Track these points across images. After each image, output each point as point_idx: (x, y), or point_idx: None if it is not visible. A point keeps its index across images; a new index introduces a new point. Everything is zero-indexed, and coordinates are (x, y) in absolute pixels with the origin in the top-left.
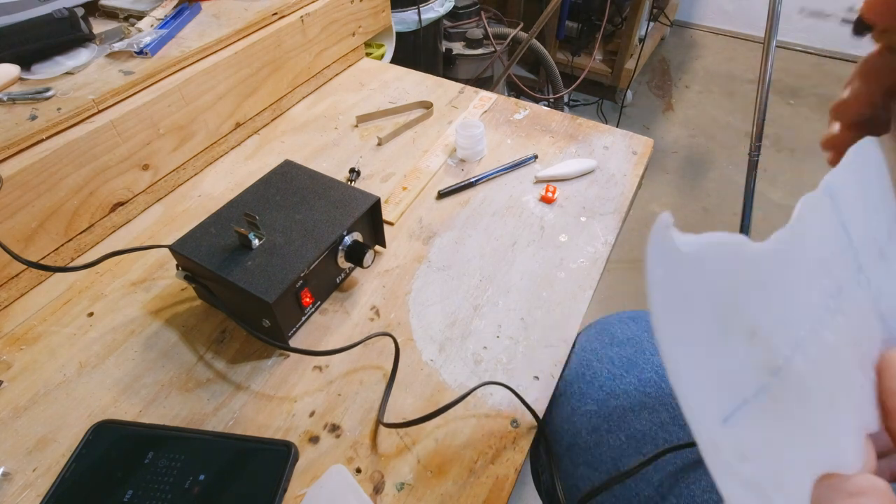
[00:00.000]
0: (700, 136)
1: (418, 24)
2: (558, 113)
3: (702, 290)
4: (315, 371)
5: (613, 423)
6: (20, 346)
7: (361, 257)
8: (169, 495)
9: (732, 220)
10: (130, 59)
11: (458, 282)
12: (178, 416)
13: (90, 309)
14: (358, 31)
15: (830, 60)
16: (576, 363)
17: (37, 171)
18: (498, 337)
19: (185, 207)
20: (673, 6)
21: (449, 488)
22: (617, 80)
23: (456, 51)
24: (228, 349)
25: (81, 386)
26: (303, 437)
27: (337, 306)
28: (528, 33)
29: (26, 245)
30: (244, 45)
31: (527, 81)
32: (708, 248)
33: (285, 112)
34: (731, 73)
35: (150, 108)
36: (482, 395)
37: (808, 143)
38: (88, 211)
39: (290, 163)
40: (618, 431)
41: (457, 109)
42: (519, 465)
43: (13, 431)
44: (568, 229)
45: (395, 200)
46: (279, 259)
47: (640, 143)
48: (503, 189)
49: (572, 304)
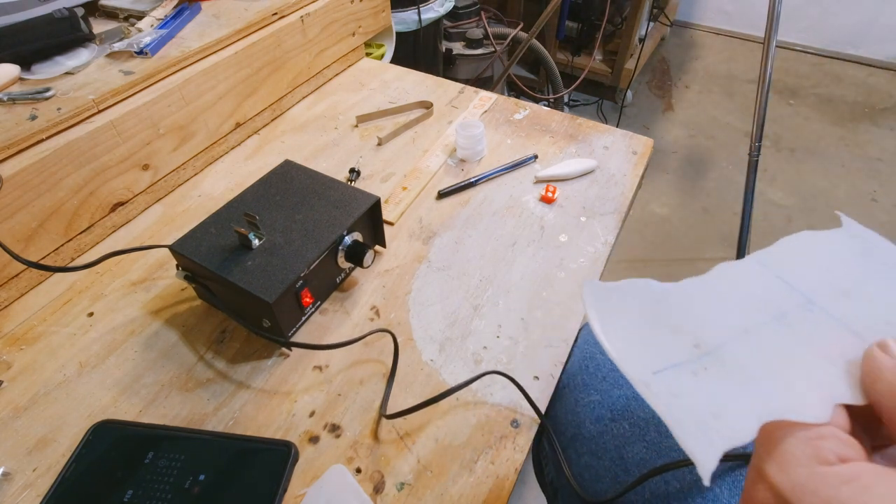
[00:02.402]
0: (700, 136)
1: (418, 24)
2: (558, 113)
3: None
4: (315, 371)
5: (617, 412)
6: (20, 346)
7: (361, 257)
8: (169, 495)
9: (732, 220)
10: (130, 59)
11: (458, 282)
12: (178, 416)
13: (90, 309)
14: (358, 31)
15: (830, 60)
16: (578, 356)
17: (37, 171)
18: (498, 337)
19: (185, 207)
20: (673, 6)
21: (449, 488)
22: (617, 80)
23: (456, 51)
24: (228, 349)
25: (81, 386)
26: (303, 437)
27: (337, 306)
28: (528, 33)
29: (26, 245)
30: (244, 45)
31: (527, 81)
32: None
33: (285, 112)
34: (731, 73)
35: (150, 108)
36: (482, 395)
37: (808, 143)
38: (88, 211)
39: (290, 163)
40: (622, 420)
41: (457, 109)
42: (519, 465)
43: (13, 431)
44: (568, 229)
45: (395, 200)
46: (279, 259)
47: (640, 143)
48: (503, 189)
49: (572, 304)
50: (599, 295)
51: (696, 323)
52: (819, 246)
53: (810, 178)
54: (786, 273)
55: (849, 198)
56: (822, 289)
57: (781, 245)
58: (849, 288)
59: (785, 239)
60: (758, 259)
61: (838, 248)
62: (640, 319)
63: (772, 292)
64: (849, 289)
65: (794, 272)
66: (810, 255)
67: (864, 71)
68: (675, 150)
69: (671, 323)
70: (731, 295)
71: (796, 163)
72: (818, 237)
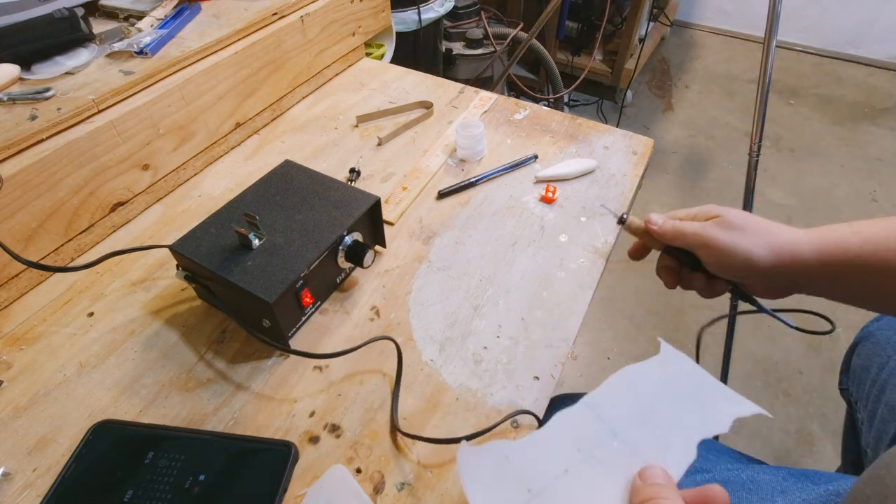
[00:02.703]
0: (700, 136)
1: (418, 24)
2: (558, 113)
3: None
4: (315, 371)
5: None
6: (20, 346)
7: (361, 257)
8: (169, 495)
9: None
10: (130, 59)
11: (458, 282)
12: (178, 416)
13: (90, 309)
14: (358, 31)
15: (830, 60)
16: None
17: (37, 171)
18: (498, 337)
19: (185, 207)
20: (673, 6)
21: (449, 488)
22: (617, 80)
23: (456, 51)
24: (228, 349)
25: (81, 386)
26: (303, 437)
27: (337, 306)
28: (528, 33)
29: (26, 245)
30: (244, 45)
31: (527, 81)
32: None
33: (285, 112)
34: (731, 73)
35: (150, 108)
36: (482, 395)
37: (808, 143)
38: (88, 211)
39: (290, 163)
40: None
41: (457, 109)
42: None
43: (13, 431)
44: (568, 229)
45: (395, 200)
46: (279, 259)
47: (640, 143)
48: (503, 189)
49: (572, 304)
50: (469, 458)
51: (530, 471)
52: (636, 378)
53: (810, 178)
54: (604, 412)
55: (849, 198)
56: (625, 422)
57: (608, 384)
58: (645, 417)
59: (611, 377)
60: (587, 402)
61: (649, 377)
62: (494, 472)
63: (591, 431)
64: (645, 417)
65: (610, 410)
66: (626, 389)
67: (864, 71)
68: (675, 150)
69: (514, 473)
70: (562, 439)
71: (796, 163)
72: (637, 371)
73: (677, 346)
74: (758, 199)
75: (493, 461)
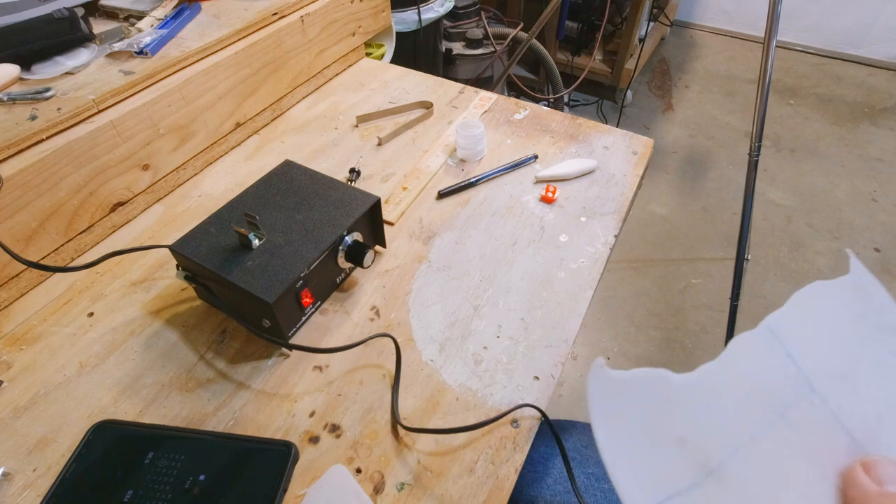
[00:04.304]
0: (700, 136)
1: (418, 24)
2: (558, 113)
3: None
4: (315, 371)
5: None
6: (20, 346)
7: (361, 257)
8: (169, 495)
9: (732, 220)
10: (130, 59)
11: (459, 282)
12: (178, 416)
13: (90, 309)
14: (358, 31)
15: (830, 60)
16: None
17: (37, 171)
18: (498, 337)
19: (185, 207)
20: (673, 6)
21: (449, 488)
22: (617, 80)
23: (456, 51)
24: (228, 349)
25: (81, 386)
26: (303, 437)
27: (337, 306)
28: (528, 33)
29: (26, 245)
30: (244, 45)
31: (527, 81)
32: (634, 379)
33: (285, 112)
34: (731, 73)
35: (150, 108)
36: (482, 395)
37: (808, 143)
38: (88, 211)
39: (290, 163)
40: None
41: (457, 109)
42: (519, 466)
43: (13, 431)
44: (568, 229)
45: (395, 200)
46: (279, 259)
47: (641, 143)
48: (503, 189)
49: (572, 304)
50: (607, 388)
51: (702, 432)
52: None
53: (810, 178)
54: (794, 348)
55: (849, 198)
56: (823, 370)
57: (793, 304)
58: (845, 371)
59: (797, 294)
60: (770, 327)
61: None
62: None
63: (780, 377)
64: (846, 372)
65: (801, 347)
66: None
67: (864, 71)
68: (675, 150)
69: (677, 434)
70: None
71: (796, 163)
72: (826, 290)
73: (677, 345)
74: (758, 199)
75: (649, 404)
